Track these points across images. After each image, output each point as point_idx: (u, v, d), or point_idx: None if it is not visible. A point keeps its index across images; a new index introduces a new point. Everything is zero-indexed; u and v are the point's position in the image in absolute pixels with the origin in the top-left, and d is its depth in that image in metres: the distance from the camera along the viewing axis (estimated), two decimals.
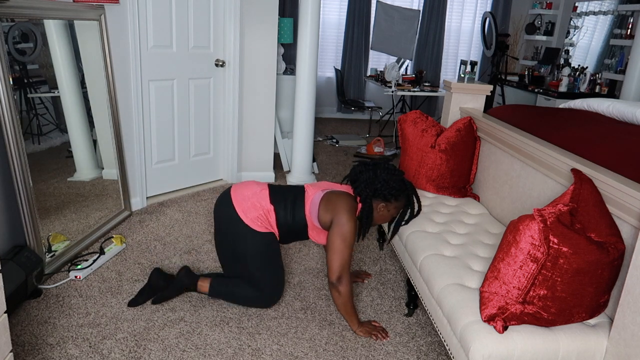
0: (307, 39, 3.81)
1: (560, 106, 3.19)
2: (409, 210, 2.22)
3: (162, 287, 2.35)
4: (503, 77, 6.07)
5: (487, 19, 5.97)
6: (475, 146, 2.81)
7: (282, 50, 4.63)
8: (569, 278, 1.54)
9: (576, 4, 6.26)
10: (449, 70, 7.57)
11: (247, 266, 2.22)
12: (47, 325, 2.13)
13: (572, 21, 6.35)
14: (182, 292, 2.37)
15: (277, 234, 2.23)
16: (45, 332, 2.09)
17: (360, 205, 2.15)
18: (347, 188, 2.26)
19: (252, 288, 2.26)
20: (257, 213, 2.17)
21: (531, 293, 1.57)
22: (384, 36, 6.00)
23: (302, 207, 2.18)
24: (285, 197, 2.20)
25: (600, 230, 1.61)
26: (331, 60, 7.30)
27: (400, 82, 5.77)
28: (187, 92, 3.64)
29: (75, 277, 2.49)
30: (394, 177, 2.14)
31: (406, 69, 6.41)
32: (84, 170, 2.97)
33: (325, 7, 6.95)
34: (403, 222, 2.28)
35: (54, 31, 2.67)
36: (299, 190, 2.24)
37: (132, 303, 2.30)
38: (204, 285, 2.31)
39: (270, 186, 2.26)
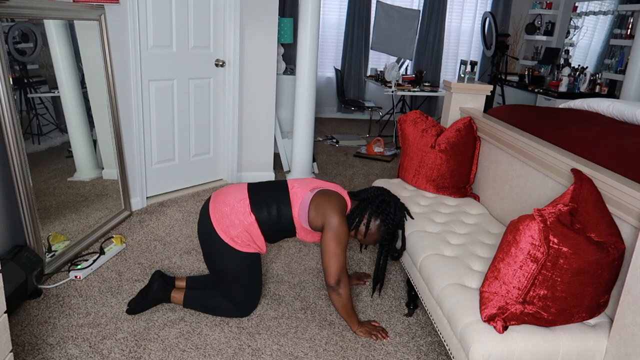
0: (307, 39, 3.81)
1: (560, 106, 3.19)
2: (389, 246, 2.21)
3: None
4: (503, 77, 6.07)
5: (487, 19, 5.97)
6: (475, 146, 2.81)
7: (282, 50, 4.63)
8: (569, 278, 1.54)
9: (576, 4, 6.26)
10: (449, 70, 7.56)
11: (226, 280, 2.17)
12: (47, 325, 2.13)
13: (572, 21, 6.35)
14: (157, 304, 2.29)
15: (260, 244, 2.14)
16: (45, 332, 2.09)
17: (351, 203, 2.17)
18: (335, 186, 2.20)
19: (225, 300, 2.22)
20: (237, 231, 2.07)
21: (531, 293, 1.57)
22: (384, 36, 6.00)
23: (288, 210, 2.09)
24: (268, 201, 2.09)
25: (600, 230, 1.61)
26: (331, 60, 7.30)
27: (400, 82, 5.77)
28: (187, 92, 3.64)
29: (75, 277, 2.49)
30: (401, 210, 2.17)
31: (406, 69, 6.41)
32: (84, 170, 2.97)
33: (325, 7, 6.95)
34: (385, 260, 2.26)
35: (54, 31, 2.67)
36: (282, 190, 2.14)
37: (130, 311, 2.23)
38: (178, 297, 2.27)
39: (250, 190, 2.14)
